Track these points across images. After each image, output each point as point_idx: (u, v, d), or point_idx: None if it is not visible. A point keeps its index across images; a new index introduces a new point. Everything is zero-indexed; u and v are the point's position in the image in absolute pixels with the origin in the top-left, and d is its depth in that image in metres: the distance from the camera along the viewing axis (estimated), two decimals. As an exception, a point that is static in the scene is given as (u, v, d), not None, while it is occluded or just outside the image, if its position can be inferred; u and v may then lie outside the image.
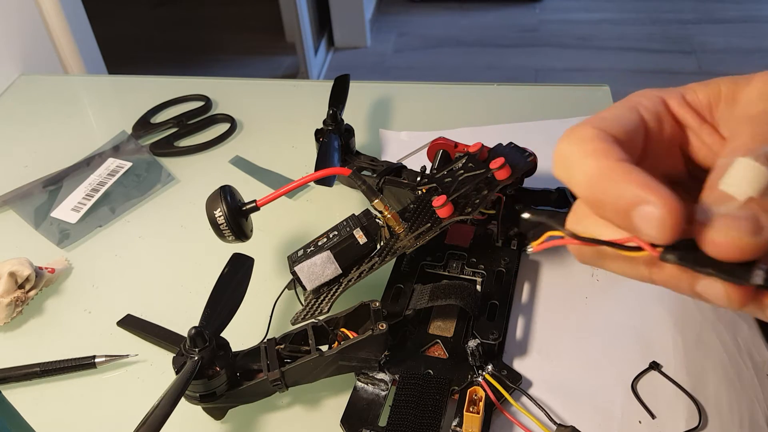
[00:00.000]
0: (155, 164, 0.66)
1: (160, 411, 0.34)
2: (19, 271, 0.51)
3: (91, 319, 0.51)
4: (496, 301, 0.46)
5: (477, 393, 0.39)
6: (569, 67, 2.13)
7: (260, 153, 0.67)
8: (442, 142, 0.52)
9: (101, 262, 0.56)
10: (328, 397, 0.44)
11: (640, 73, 2.07)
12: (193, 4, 2.51)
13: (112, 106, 0.78)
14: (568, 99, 0.72)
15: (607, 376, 0.44)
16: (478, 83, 0.77)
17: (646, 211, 0.21)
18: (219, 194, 0.44)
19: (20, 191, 0.63)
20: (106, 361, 0.47)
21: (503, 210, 0.49)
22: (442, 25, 2.39)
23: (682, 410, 0.41)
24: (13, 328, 0.51)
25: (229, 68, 2.16)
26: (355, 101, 0.65)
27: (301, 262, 0.44)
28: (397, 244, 0.44)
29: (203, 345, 0.38)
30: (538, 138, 0.65)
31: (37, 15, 0.88)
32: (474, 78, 2.07)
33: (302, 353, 0.40)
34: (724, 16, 2.32)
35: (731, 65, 2.07)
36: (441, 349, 0.44)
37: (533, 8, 2.44)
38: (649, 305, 0.48)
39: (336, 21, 2.25)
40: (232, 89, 0.77)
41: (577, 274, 0.51)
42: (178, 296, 0.52)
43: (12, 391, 0.46)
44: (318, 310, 0.43)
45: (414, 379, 0.41)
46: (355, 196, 0.60)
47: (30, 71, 0.84)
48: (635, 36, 2.25)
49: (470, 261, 0.49)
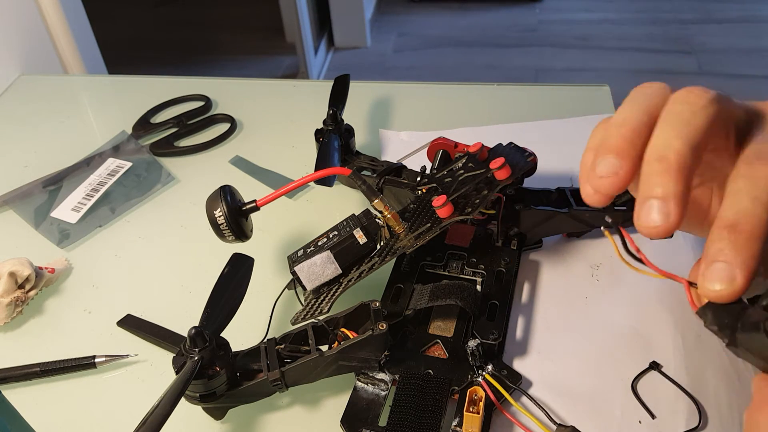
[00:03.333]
0: (155, 164, 0.66)
1: (160, 411, 0.34)
2: (19, 271, 0.51)
3: (91, 319, 0.51)
4: (496, 301, 0.46)
5: (477, 393, 0.39)
6: (569, 67, 2.13)
7: (260, 153, 0.67)
8: (442, 142, 0.52)
9: (101, 262, 0.56)
10: (328, 397, 0.44)
11: (640, 73, 2.07)
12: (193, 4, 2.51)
13: (112, 106, 0.78)
14: (568, 99, 0.72)
15: (607, 376, 0.44)
16: (478, 83, 0.77)
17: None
18: (219, 194, 0.44)
19: (20, 191, 0.63)
20: (106, 361, 0.47)
21: (503, 210, 0.49)
22: (442, 25, 2.39)
23: (682, 410, 0.41)
24: (13, 328, 0.51)
25: (229, 68, 2.16)
26: (355, 101, 0.65)
27: (301, 262, 0.44)
28: (397, 244, 0.44)
29: (203, 345, 0.38)
30: (538, 138, 0.66)
31: (37, 15, 0.88)
32: (474, 78, 2.07)
33: (302, 353, 0.40)
34: (724, 16, 2.32)
35: (731, 65, 2.07)
36: (441, 349, 0.44)
37: (533, 8, 2.44)
38: (649, 305, 0.48)
39: (336, 21, 2.25)
40: (232, 89, 0.77)
41: (577, 274, 0.51)
42: (178, 296, 0.52)
43: (12, 391, 0.46)
44: (318, 310, 0.43)
45: (414, 379, 0.41)
46: (355, 196, 0.60)
47: (30, 71, 0.85)
48: (635, 36, 2.25)
49: (470, 261, 0.49)
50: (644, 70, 2.09)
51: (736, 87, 1.99)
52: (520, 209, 0.50)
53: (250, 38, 2.29)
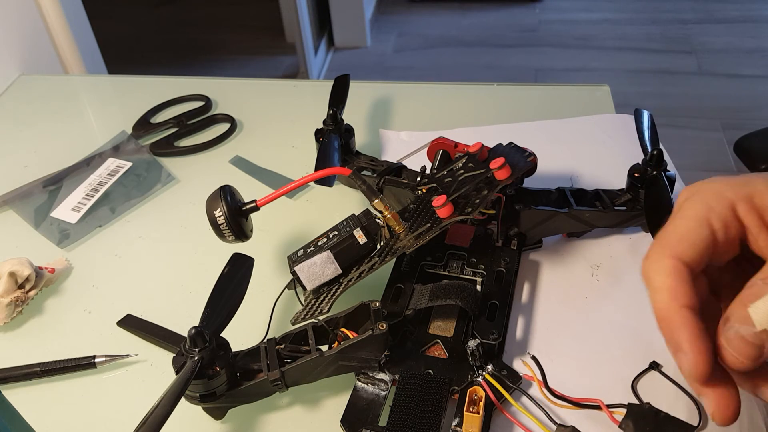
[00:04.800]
0: (155, 164, 0.66)
1: (160, 411, 0.34)
2: (19, 271, 0.51)
3: (91, 319, 0.51)
4: (496, 301, 0.46)
5: (477, 393, 0.39)
6: (569, 67, 2.13)
7: (260, 153, 0.67)
8: (442, 142, 0.52)
9: (101, 262, 0.56)
10: (328, 397, 0.44)
11: (640, 73, 2.07)
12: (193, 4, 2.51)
13: (112, 106, 0.78)
14: (568, 99, 0.72)
15: (607, 375, 0.44)
16: (478, 83, 0.77)
17: (682, 358, 0.28)
18: (219, 194, 0.44)
19: (20, 191, 0.63)
20: (106, 361, 0.47)
21: (503, 210, 0.49)
22: (442, 25, 2.39)
23: (682, 410, 0.41)
24: (13, 327, 0.51)
25: (229, 68, 2.16)
26: (355, 101, 0.65)
27: (301, 262, 0.44)
28: (397, 244, 0.44)
29: (203, 345, 0.38)
30: (538, 138, 0.66)
31: (37, 15, 0.88)
32: (474, 78, 2.07)
33: (302, 353, 0.40)
34: (724, 16, 2.32)
35: (731, 65, 2.07)
36: (441, 349, 0.44)
37: (533, 8, 2.44)
38: (648, 305, 0.47)
39: (336, 21, 2.25)
40: (232, 89, 0.77)
41: (577, 274, 0.51)
42: (178, 296, 0.52)
43: (12, 391, 0.46)
44: (318, 310, 0.43)
45: (414, 379, 0.41)
46: (355, 196, 0.60)
47: (30, 71, 0.84)
48: (635, 36, 2.25)
49: (470, 261, 0.49)
50: (644, 70, 2.09)
51: (736, 87, 1.99)
52: (520, 209, 0.50)
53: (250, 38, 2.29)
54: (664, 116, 1.85)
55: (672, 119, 1.87)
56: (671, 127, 1.83)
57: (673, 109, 1.91)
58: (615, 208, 0.51)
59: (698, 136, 1.82)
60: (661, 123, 0.56)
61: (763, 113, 1.87)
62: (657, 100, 1.94)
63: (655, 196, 0.49)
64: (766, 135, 1.10)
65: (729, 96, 1.95)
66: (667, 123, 1.83)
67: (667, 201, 0.48)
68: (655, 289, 0.30)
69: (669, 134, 1.74)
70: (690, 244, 0.29)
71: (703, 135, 1.82)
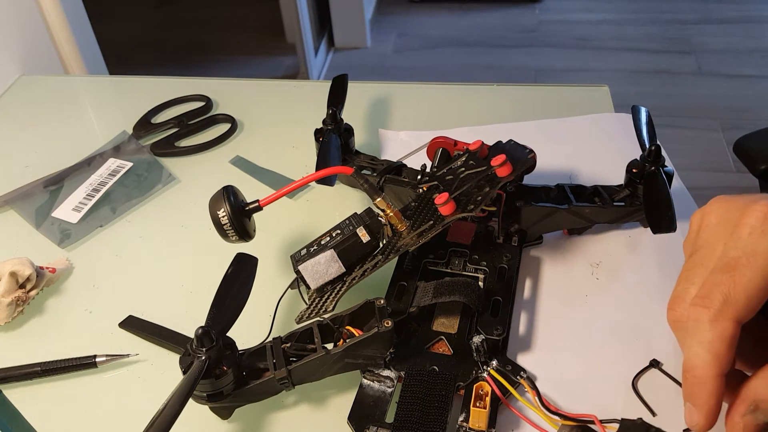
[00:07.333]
0: (156, 164, 0.66)
1: (168, 411, 0.34)
2: (20, 271, 0.51)
3: (91, 319, 0.51)
4: (499, 297, 0.46)
5: (483, 388, 0.39)
6: (569, 67, 2.13)
7: (261, 153, 0.67)
8: (442, 140, 0.52)
9: (102, 262, 0.56)
10: (335, 395, 0.44)
11: (640, 73, 2.08)
12: (193, 4, 2.51)
13: (112, 106, 0.78)
14: (568, 99, 0.72)
15: (607, 373, 0.44)
16: (478, 83, 0.77)
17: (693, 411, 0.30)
18: (222, 194, 0.44)
19: (21, 191, 0.63)
20: (107, 360, 0.47)
21: (504, 207, 0.49)
22: (442, 26, 2.39)
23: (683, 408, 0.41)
24: (14, 327, 0.51)
25: (229, 68, 2.16)
26: (355, 101, 0.65)
27: (304, 261, 0.44)
28: (400, 242, 0.44)
29: (210, 344, 0.38)
30: (537, 137, 0.65)
31: (38, 15, 0.88)
32: (474, 78, 2.07)
33: (308, 351, 0.40)
34: (724, 16, 2.33)
35: (731, 65, 2.08)
36: (445, 345, 0.44)
37: (533, 8, 2.44)
38: (649, 303, 0.48)
39: (336, 21, 2.25)
40: (233, 89, 0.77)
41: (578, 272, 0.51)
42: (179, 296, 0.52)
43: (13, 390, 0.46)
44: (323, 309, 0.43)
45: (419, 376, 0.41)
46: (356, 195, 0.60)
47: (30, 71, 0.84)
48: (635, 36, 2.25)
49: (472, 258, 0.49)
50: (644, 70, 2.09)
51: (736, 87, 1.99)
52: (520, 206, 0.50)
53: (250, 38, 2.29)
54: (664, 116, 1.85)
55: (671, 119, 1.87)
56: (670, 128, 1.83)
57: (672, 109, 1.91)
58: (614, 203, 0.51)
59: (697, 136, 1.82)
60: (660, 123, 0.56)
61: (762, 113, 1.87)
62: (656, 101, 1.94)
63: (653, 191, 0.49)
64: (765, 135, 1.10)
65: (728, 96, 1.95)
66: (667, 123, 1.84)
67: (666, 196, 0.48)
68: (701, 344, 0.29)
69: (668, 134, 1.74)
70: (758, 304, 0.28)
71: (702, 135, 1.82)
